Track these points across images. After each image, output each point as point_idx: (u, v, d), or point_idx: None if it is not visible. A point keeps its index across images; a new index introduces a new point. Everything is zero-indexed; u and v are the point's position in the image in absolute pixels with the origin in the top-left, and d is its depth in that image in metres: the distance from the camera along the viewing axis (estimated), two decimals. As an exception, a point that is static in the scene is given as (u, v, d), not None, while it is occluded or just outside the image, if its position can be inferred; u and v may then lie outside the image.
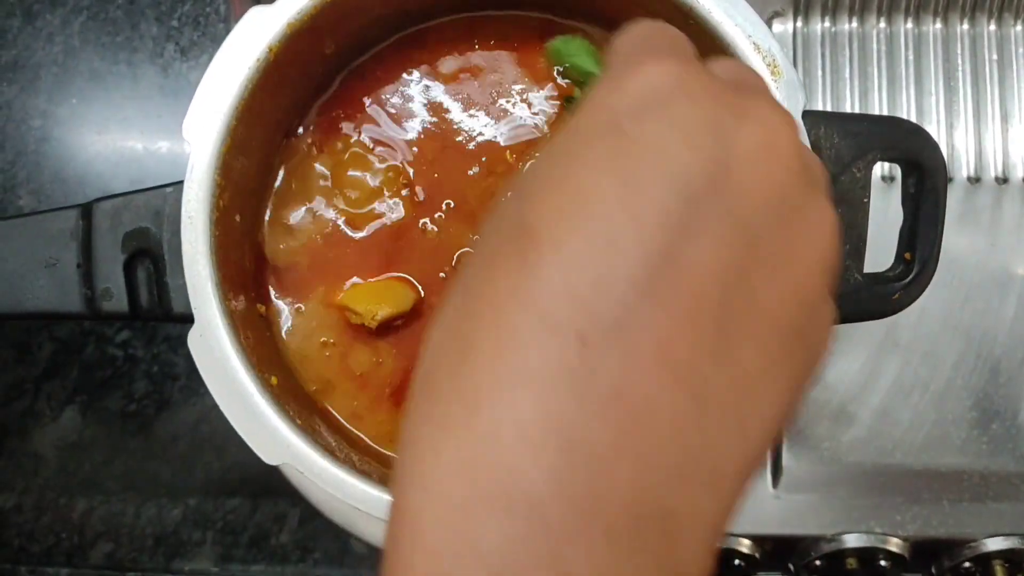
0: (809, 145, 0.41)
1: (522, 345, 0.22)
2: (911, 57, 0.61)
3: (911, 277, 0.43)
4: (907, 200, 0.43)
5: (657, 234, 0.23)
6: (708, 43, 0.42)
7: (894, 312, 0.43)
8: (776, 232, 0.25)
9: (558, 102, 0.48)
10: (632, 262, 0.23)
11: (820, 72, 0.61)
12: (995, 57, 0.61)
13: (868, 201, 0.42)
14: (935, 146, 0.42)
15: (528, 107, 0.48)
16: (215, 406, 0.41)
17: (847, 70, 0.61)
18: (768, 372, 0.24)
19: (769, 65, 0.41)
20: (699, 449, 0.23)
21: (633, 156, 0.24)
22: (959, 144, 0.61)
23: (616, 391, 0.22)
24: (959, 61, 0.61)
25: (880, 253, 0.44)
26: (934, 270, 0.43)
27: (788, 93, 0.41)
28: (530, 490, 0.22)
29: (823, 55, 0.61)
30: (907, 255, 0.43)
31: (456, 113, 0.48)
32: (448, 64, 0.48)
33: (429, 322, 0.27)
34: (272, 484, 0.73)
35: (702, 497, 0.23)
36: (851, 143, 0.42)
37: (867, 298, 0.43)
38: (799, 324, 0.26)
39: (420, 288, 0.47)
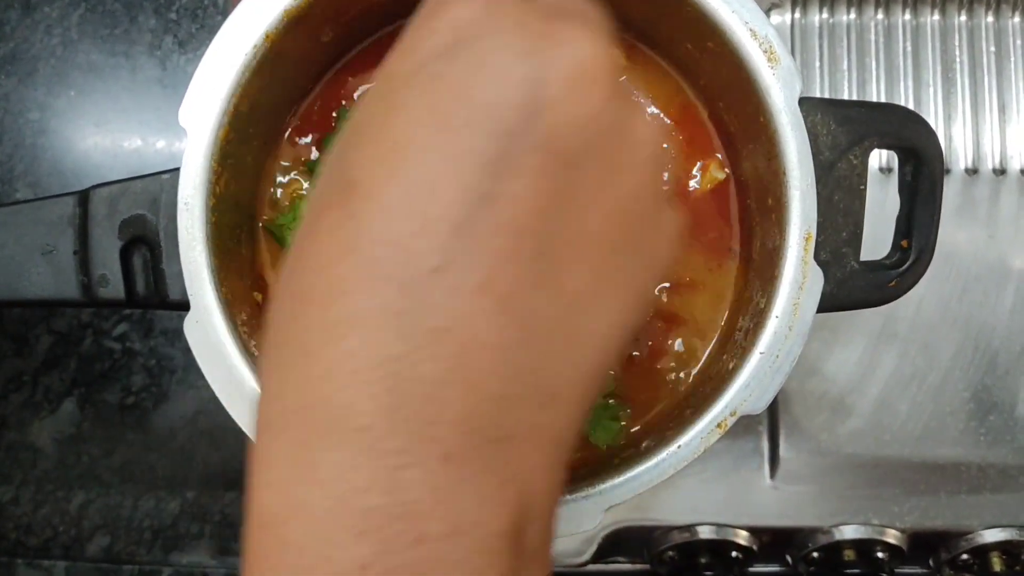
0: (804, 130, 0.41)
1: (349, 293, 0.24)
2: (909, 49, 0.61)
3: (908, 264, 0.43)
4: (904, 187, 0.43)
5: (472, 175, 0.24)
6: (705, 29, 0.42)
7: (891, 300, 0.43)
8: (595, 156, 0.25)
9: None
10: (449, 205, 0.24)
11: (818, 64, 0.61)
12: (993, 49, 0.61)
13: (864, 188, 0.42)
14: (932, 133, 0.42)
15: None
16: (213, 399, 0.41)
17: (845, 62, 0.61)
18: (597, 289, 0.26)
19: (766, 52, 0.41)
20: (529, 372, 0.24)
21: (445, 98, 0.24)
22: (957, 136, 0.61)
23: (441, 328, 0.23)
24: (957, 53, 0.61)
25: (879, 244, 0.44)
26: (931, 257, 0.43)
27: (785, 80, 0.41)
28: (362, 422, 0.23)
29: (821, 47, 0.61)
30: (904, 242, 0.43)
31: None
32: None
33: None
34: (270, 477, 0.73)
35: (538, 415, 0.25)
36: (847, 130, 0.42)
37: (863, 285, 0.43)
38: (630, 237, 0.27)
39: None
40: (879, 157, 0.60)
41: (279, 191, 0.47)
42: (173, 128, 0.78)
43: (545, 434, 0.25)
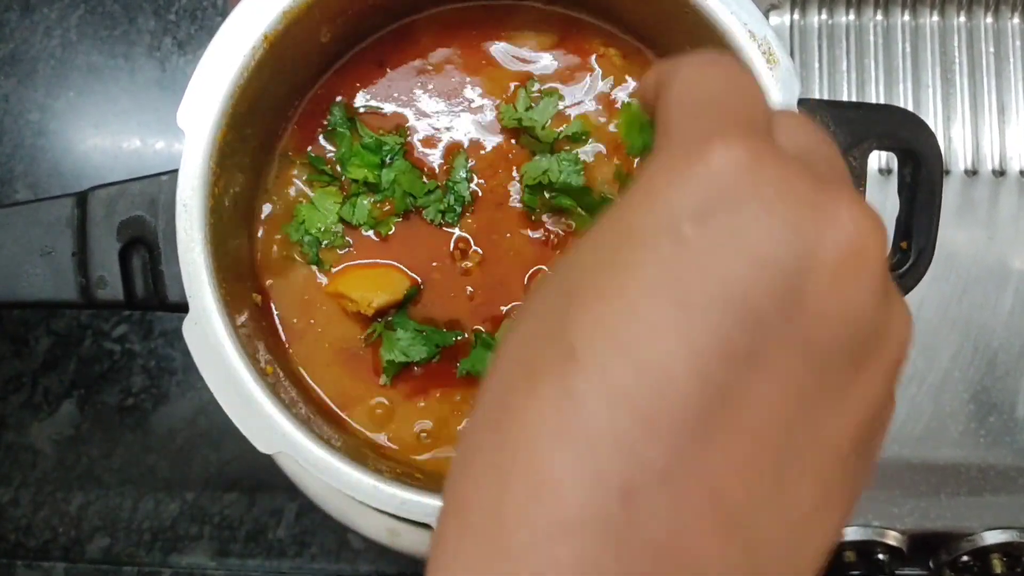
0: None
1: (561, 490, 0.21)
2: (908, 50, 0.61)
3: (907, 266, 0.43)
4: (903, 188, 0.43)
5: (715, 367, 0.21)
6: (703, 30, 0.42)
7: (890, 301, 0.43)
8: (850, 360, 0.22)
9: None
10: (686, 400, 0.21)
11: (817, 65, 0.61)
12: (992, 50, 0.61)
13: (864, 190, 0.42)
14: (931, 134, 0.42)
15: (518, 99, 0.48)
16: (212, 400, 0.41)
17: (844, 63, 0.61)
18: (826, 504, 0.23)
19: (765, 53, 0.41)
20: None
21: (693, 271, 0.21)
22: (956, 137, 0.61)
23: (660, 546, 0.20)
24: (956, 54, 0.61)
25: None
26: (931, 258, 0.43)
27: (784, 81, 0.41)
28: None
29: (820, 48, 0.61)
30: (903, 244, 0.43)
31: (452, 101, 0.48)
32: (443, 54, 0.48)
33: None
34: (269, 479, 0.73)
35: None
36: (846, 131, 0.42)
37: (863, 287, 0.42)
38: (863, 446, 0.24)
39: (413, 276, 0.47)
40: (879, 159, 0.60)
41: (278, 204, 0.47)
42: (172, 129, 0.78)
43: None
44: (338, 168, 0.47)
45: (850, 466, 0.23)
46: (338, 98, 0.48)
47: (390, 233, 0.47)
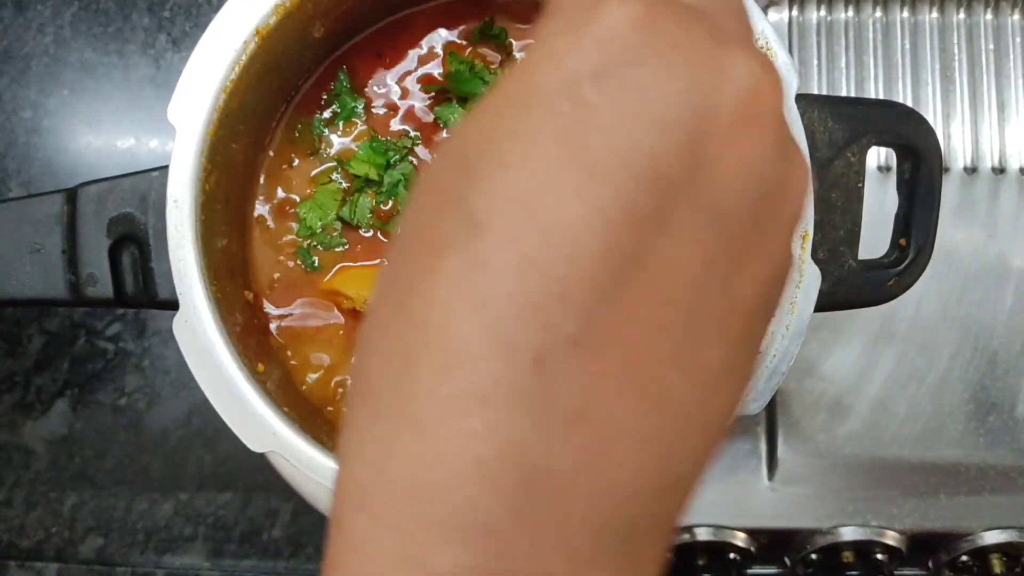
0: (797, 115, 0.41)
1: (473, 363, 0.20)
2: (907, 46, 0.61)
3: (906, 263, 0.43)
4: (902, 185, 0.43)
5: (624, 231, 0.21)
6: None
7: (889, 299, 0.43)
8: (754, 217, 0.23)
9: None
10: (595, 264, 0.20)
11: (816, 62, 0.61)
12: (991, 47, 0.61)
13: (862, 186, 0.42)
14: (930, 130, 0.42)
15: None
16: (206, 400, 0.40)
17: (843, 59, 0.61)
18: (732, 364, 0.23)
19: (763, 48, 0.41)
20: (662, 458, 0.22)
21: (596, 134, 0.21)
22: (955, 134, 0.60)
23: (577, 412, 0.21)
24: (955, 51, 0.61)
25: (878, 243, 0.44)
26: (929, 256, 0.43)
27: (782, 75, 0.41)
28: (487, 519, 0.20)
29: (819, 44, 0.61)
30: (902, 241, 0.43)
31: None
32: (439, 47, 0.48)
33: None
34: (264, 479, 0.73)
35: (659, 505, 0.22)
36: (845, 127, 0.41)
37: (861, 285, 0.42)
38: (768, 305, 0.24)
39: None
40: (878, 155, 0.60)
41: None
42: (166, 127, 0.76)
43: (662, 524, 0.23)
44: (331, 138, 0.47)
45: (755, 325, 0.23)
46: (344, 66, 0.47)
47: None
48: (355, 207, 0.46)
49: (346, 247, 0.46)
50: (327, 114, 0.47)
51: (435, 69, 0.48)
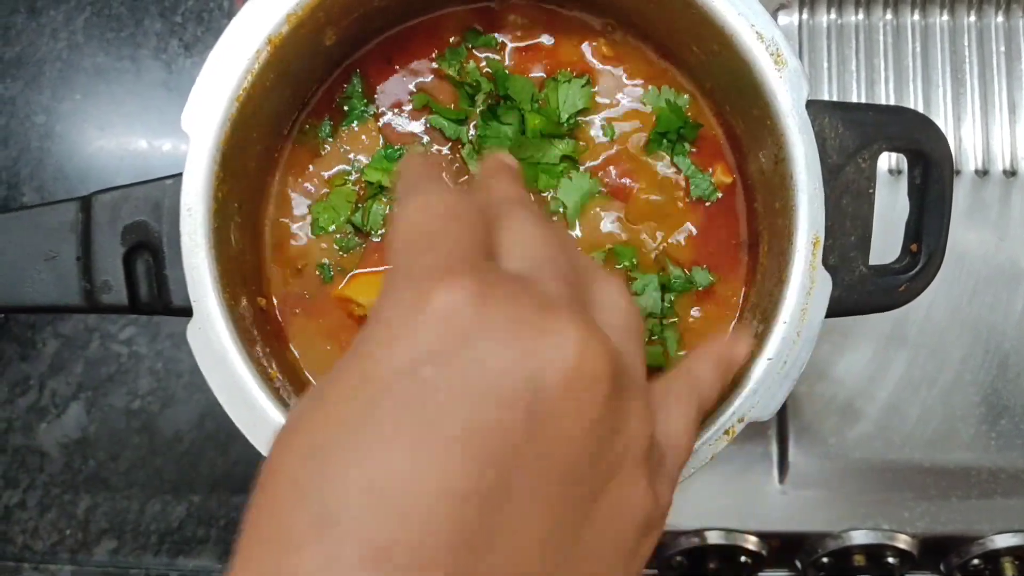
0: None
1: None
2: (918, 49, 0.61)
3: (917, 268, 0.42)
4: (913, 191, 0.43)
5: (471, 509, 0.21)
6: (711, 31, 0.42)
7: (900, 304, 0.43)
8: (594, 468, 0.24)
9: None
10: (444, 550, 0.21)
11: (826, 65, 0.60)
12: (1003, 49, 0.61)
13: (873, 192, 0.42)
14: (941, 136, 0.42)
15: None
16: (219, 403, 0.41)
17: (853, 63, 0.61)
18: None
19: (773, 55, 0.41)
20: None
21: (439, 415, 0.22)
22: (967, 137, 0.60)
23: None
24: (966, 53, 0.61)
25: (888, 248, 0.44)
26: (941, 261, 0.43)
27: (792, 82, 0.41)
28: None
29: (829, 48, 0.61)
30: (913, 246, 0.43)
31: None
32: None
33: None
34: (276, 481, 0.72)
35: None
36: (855, 133, 0.41)
37: (873, 290, 0.42)
38: (629, 549, 0.25)
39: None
40: (889, 159, 0.60)
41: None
42: (178, 131, 0.76)
43: None
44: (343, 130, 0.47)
45: (618, 571, 0.24)
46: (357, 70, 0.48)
47: None
48: (368, 213, 0.46)
49: (363, 247, 0.47)
50: (333, 121, 0.48)
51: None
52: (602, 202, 0.47)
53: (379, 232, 0.47)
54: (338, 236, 0.46)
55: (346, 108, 0.47)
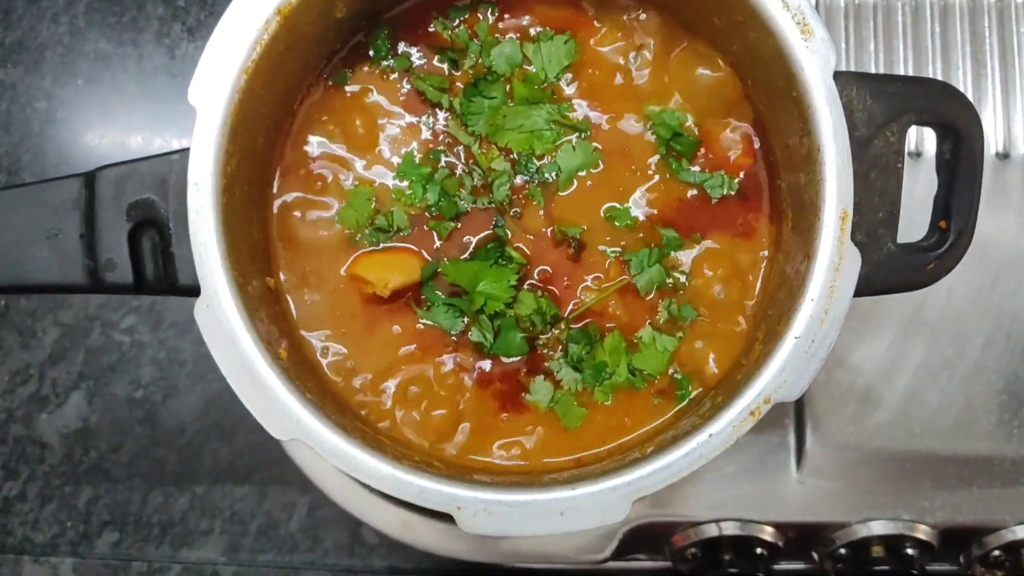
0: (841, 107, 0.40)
1: None
2: (937, 29, 0.60)
3: (947, 246, 0.41)
4: (942, 166, 0.42)
5: None
6: (735, 2, 0.41)
7: (929, 283, 0.42)
8: None
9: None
10: None
11: (844, 45, 0.59)
12: (1023, 30, 0.60)
13: (902, 167, 0.41)
14: (972, 109, 0.41)
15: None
16: (223, 392, 0.40)
17: (872, 43, 0.60)
18: None
19: (799, 23, 0.40)
20: None
21: None
22: (987, 120, 0.59)
23: None
24: (986, 34, 0.60)
25: (911, 228, 0.43)
26: (971, 238, 0.42)
27: (819, 53, 0.40)
28: None
29: (847, 28, 0.60)
30: (942, 223, 0.42)
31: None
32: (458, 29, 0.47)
33: None
34: (281, 472, 0.72)
35: None
36: (884, 105, 0.40)
37: (901, 268, 0.41)
38: None
39: (427, 258, 0.46)
40: (907, 141, 0.58)
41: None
42: (181, 118, 0.76)
43: None
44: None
45: None
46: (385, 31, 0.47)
47: (452, 231, 0.46)
48: (391, 217, 0.46)
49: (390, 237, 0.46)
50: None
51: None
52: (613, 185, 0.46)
53: (407, 232, 0.46)
54: (367, 231, 0.46)
55: (371, 51, 0.46)
